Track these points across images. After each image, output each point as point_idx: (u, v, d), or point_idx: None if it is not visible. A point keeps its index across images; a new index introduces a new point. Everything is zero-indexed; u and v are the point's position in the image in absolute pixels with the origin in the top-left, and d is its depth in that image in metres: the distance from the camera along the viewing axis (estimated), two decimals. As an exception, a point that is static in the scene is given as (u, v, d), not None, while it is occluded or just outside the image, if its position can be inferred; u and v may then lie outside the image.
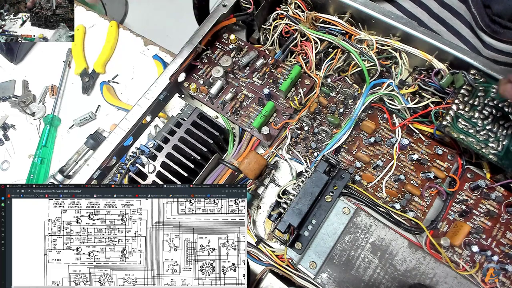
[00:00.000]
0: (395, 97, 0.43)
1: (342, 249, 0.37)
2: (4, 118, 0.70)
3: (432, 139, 0.43)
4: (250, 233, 0.43)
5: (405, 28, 0.44)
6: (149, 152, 0.44)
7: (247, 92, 0.47)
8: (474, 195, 0.40)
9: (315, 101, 0.45)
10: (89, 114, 0.67)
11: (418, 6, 0.59)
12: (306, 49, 0.48)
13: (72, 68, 0.72)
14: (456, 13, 0.57)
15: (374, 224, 0.37)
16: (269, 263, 0.42)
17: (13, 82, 0.72)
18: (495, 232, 0.39)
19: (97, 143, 0.59)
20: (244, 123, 0.45)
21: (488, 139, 0.39)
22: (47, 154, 0.66)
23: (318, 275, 0.36)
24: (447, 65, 0.44)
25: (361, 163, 0.43)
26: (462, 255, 0.39)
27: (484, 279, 0.37)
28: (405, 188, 0.42)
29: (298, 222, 0.37)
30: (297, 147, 0.45)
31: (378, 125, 0.44)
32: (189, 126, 0.45)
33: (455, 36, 0.57)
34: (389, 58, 0.46)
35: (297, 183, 0.39)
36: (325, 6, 0.50)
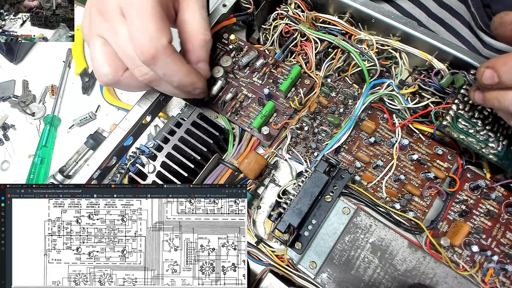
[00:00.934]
0: (395, 97, 0.43)
1: (342, 249, 0.37)
2: (4, 118, 0.70)
3: (432, 139, 0.43)
4: (250, 233, 0.43)
5: (405, 28, 0.44)
6: (149, 152, 0.44)
7: (247, 92, 0.47)
8: (474, 195, 0.41)
9: (315, 101, 0.45)
10: (89, 114, 0.67)
11: (417, 7, 0.58)
12: (306, 49, 0.48)
13: (72, 68, 0.72)
14: (455, 13, 0.57)
15: (374, 224, 0.37)
16: (269, 263, 0.42)
17: (13, 82, 0.72)
18: (495, 232, 0.39)
19: (97, 143, 0.59)
20: (244, 123, 0.45)
21: (488, 139, 0.39)
22: (47, 154, 0.66)
23: (318, 275, 0.36)
24: (447, 65, 0.44)
25: (361, 163, 0.43)
26: (462, 255, 0.39)
27: (484, 279, 0.37)
28: (405, 188, 0.42)
29: (298, 222, 0.37)
30: (297, 147, 0.45)
31: (378, 125, 0.44)
32: (189, 126, 0.45)
33: (454, 36, 0.57)
34: (389, 58, 0.46)
35: (297, 183, 0.39)
36: (325, 6, 0.50)
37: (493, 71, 0.31)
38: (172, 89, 0.40)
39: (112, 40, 0.36)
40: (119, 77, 0.38)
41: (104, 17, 0.36)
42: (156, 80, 0.38)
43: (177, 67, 0.37)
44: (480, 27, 0.53)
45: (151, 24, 0.33)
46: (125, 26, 0.35)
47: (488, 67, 0.32)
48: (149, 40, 0.33)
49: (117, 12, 0.34)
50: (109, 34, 0.36)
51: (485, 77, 0.32)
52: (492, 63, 0.32)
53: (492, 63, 0.32)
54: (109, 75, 0.37)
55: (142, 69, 0.36)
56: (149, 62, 0.35)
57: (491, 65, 0.32)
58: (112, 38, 0.36)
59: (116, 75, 0.37)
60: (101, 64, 0.37)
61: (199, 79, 0.40)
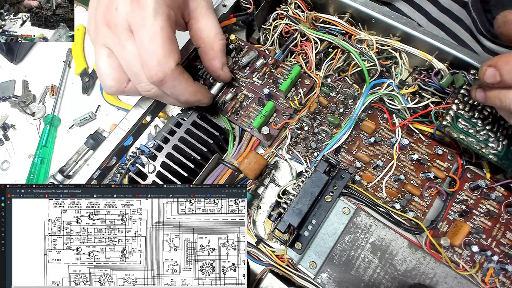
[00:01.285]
0: (395, 97, 0.43)
1: (342, 249, 0.37)
2: (4, 118, 0.70)
3: (432, 139, 0.43)
4: (250, 233, 0.43)
5: (405, 28, 0.44)
6: (149, 152, 0.44)
7: (247, 92, 0.47)
8: (474, 195, 0.41)
9: (315, 101, 0.45)
10: (89, 114, 0.67)
11: (417, 11, 0.58)
12: (306, 49, 0.48)
13: (72, 68, 0.72)
14: (455, 17, 0.57)
15: (374, 224, 0.37)
16: (269, 263, 0.42)
17: (13, 82, 0.72)
18: (495, 232, 0.39)
19: (97, 143, 0.59)
20: (244, 123, 0.45)
21: (488, 139, 0.39)
22: (47, 154, 0.66)
23: (318, 275, 0.36)
24: (447, 65, 0.44)
25: (361, 163, 0.43)
26: (462, 255, 0.39)
27: (484, 279, 0.37)
28: (405, 188, 0.42)
29: (298, 222, 0.37)
30: (297, 147, 0.45)
31: (378, 125, 0.44)
32: (189, 126, 0.45)
33: (454, 40, 0.58)
34: (389, 58, 0.46)
35: (297, 183, 0.39)
36: (325, 6, 0.50)
37: (495, 70, 0.32)
38: (177, 103, 0.40)
39: (118, 54, 0.36)
40: (123, 88, 0.38)
41: (112, 30, 0.35)
42: (158, 96, 0.39)
43: (184, 87, 0.37)
44: (481, 32, 0.53)
45: (160, 48, 0.34)
46: (132, 43, 0.35)
47: (490, 65, 0.32)
48: (157, 65, 0.34)
49: (125, 27, 0.35)
50: (116, 48, 0.36)
51: (487, 75, 0.32)
52: (494, 61, 0.32)
53: (494, 61, 0.32)
54: (113, 87, 0.38)
55: (144, 86, 0.37)
56: (157, 85, 0.36)
57: (493, 63, 0.32)
58: (119, 52, 0.36)
59: (120, 87, 0.38)
60: (106, 76, 0.37)
61: (204, 95, 0.41)
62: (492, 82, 0.32)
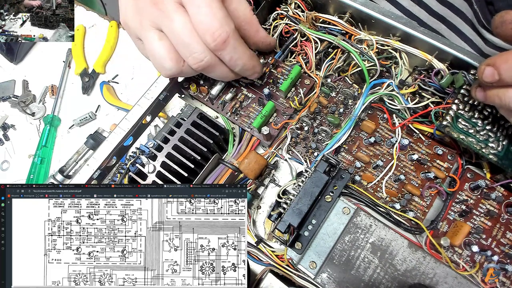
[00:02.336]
0: (395, 97, 0.43)
1: (342, 249, 0.37)
2: (4, 118, 0.70)
3: (432, 139, 0.43)
4: (250, 233, 0.43)
5: (405, 28, 0.44)
6: (149, 152, 0.44)
7: (247, 92, 0.47)
8: (474, 195, 0.41)
9: (315, 101, 0.45)
10: (89, 114, 0.67)
11: (417, 4, 0.58)
12: (306, 49, 0.48)
13: (72, 68, 0.72)
14: (456, 10, 0.56)
15: (374, 224, 0.37)
16: (269, 263, 0.42)
17: (13, 82, 0.72)
18: (495, 232, 0.39)
19: (97, 143, 0.59)
20: (244, 123, 0.45)
21: (488, 139, 0.39)
22: (47, 154, 0.66)
23: (318, 275, 0.36)
24: (447, 65, 0.44)
25: (361, 163, 0.43)
26: (462, 255, 0.39)
27: (484, 279, 0.37)
28: (405, 188, 0.42)
29: (298, 222, 0.37)
30: (297, 147, 0.45)
31: (378, 125, 0.44)
32: (189, 126, 0.45)
33: (455, 34, 0.57)
34: (389, 58, 0.46)
35: (297, 183, 0.39)
36: (325, 6, 0.50)
37: (493, 69, 0.32)
38: (228, 73, 0.41)
39: (167, 28, 0.36)
40: (181, 67, 0.39)
41: (158, 7, 0.36)
42: (210, 67, 0.39)
43: (243, 50, 0.38)
44: (483, 25, 0.52)
45: (220, 11, 0.35)
46: (181, 13, 0.35)
47: (488, 64, 0.32)
48: (220, 26, 0.35)
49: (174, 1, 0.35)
50: (164, 22, 0.36)
51: (485, 75, 0.32)
52: (492, 60, 0.32)
53: (492, 60, 0.32)
54: (173, 68, 0.38)
55: (196, 56, 0.37)
56: (220, 47, 0.36)
57: (492, 62, 0.32)
58: (167, 27, 0.36)
59: (179, 66, 0.38)
60: (164, 59, 0.38)
61: (259, 63, 0.42)
62: (490, 81, 0.32)
